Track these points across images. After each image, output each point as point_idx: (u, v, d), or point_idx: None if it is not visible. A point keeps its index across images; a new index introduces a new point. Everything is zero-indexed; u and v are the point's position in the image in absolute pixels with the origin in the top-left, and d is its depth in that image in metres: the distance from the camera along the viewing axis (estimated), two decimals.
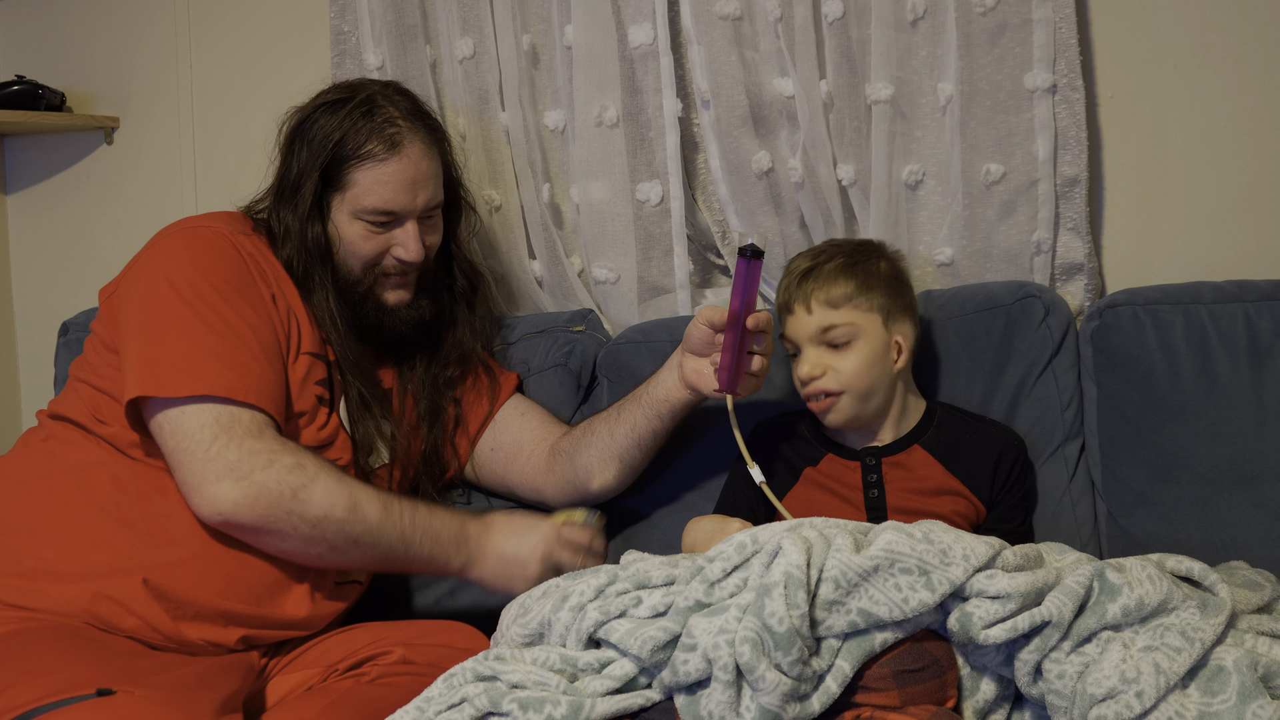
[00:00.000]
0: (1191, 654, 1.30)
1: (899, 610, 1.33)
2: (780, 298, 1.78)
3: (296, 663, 1.72)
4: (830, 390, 1.73)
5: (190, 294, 1.71)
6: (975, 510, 1.76)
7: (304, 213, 1.83)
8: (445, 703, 1.40)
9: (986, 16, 1.96)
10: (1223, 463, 1.79)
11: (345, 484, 1.70)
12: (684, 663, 1.33)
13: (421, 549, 1.73)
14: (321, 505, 1.66)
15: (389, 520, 1.71)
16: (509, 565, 1.76)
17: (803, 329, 1.74)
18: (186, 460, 1.64)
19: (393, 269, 1.88)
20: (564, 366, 2.13)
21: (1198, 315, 1.83)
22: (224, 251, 1.77)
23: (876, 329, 1.73)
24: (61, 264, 2.68)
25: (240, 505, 1.63)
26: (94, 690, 1.37)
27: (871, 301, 1.73)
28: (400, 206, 1.84)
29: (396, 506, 1.73)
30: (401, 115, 1.86)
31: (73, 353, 2.31)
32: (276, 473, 1.64)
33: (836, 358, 1.73)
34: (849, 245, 1.81)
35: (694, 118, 2.19)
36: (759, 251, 1.71)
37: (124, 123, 2.62)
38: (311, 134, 1.84)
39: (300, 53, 2.44)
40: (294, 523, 1.65)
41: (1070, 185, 1.98)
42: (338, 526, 1.67)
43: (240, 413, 1.66)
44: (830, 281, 1.73)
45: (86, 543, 1.64)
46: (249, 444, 1.64)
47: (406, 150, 1.84)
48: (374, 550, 1.71)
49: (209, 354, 1.67)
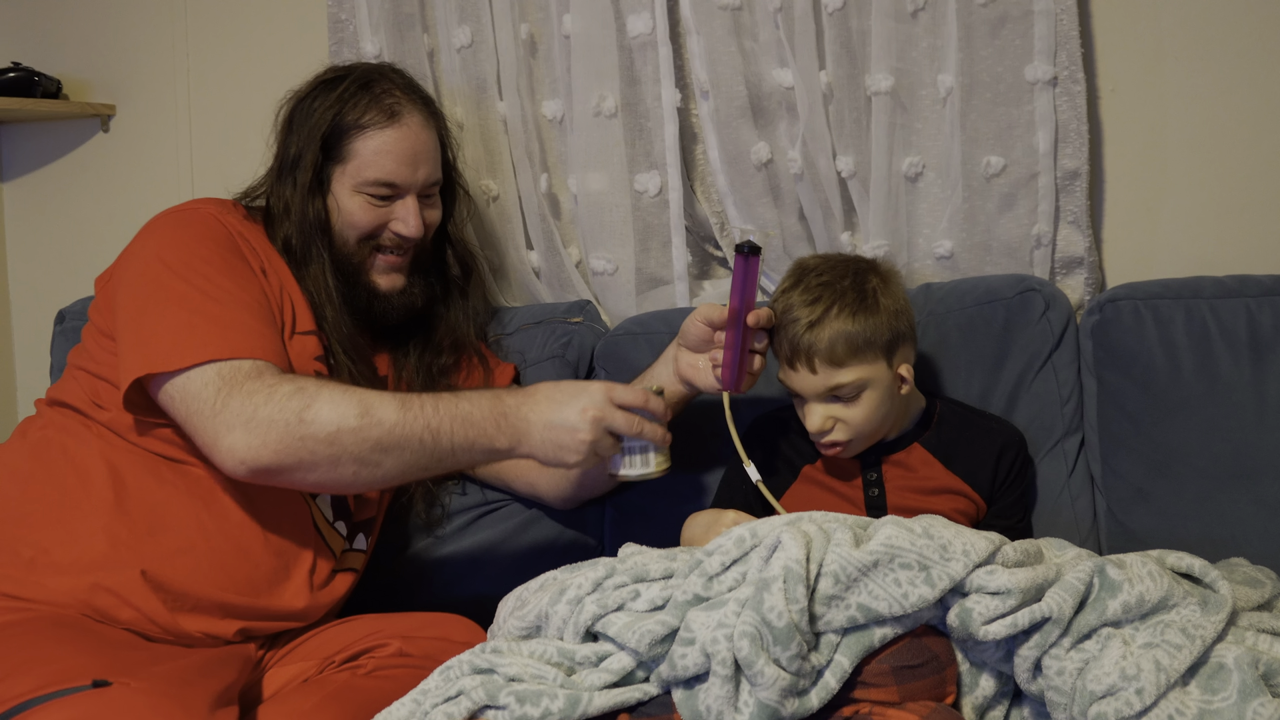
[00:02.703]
0: (1192, 651, 1.29)
1: (898, 605, 1.32)
2: (779, 349, 1.71)
3: (293, 654, 1.72)
4: (840, 441, 1.70)
5: (182, 267, 1.69)
6: (975, 507, 1.75)
7: (304, 184, 1.83)
8: (442, 695, 1.39)
9: (987, 8, 1.95)
10: (1223, 458, 1.78)
11: (351, 393, 1.62)
12: (682, 657, 1.33)
13: (455, 436, 1.62)
14: (331, 420, 1.58)
15: (409, 415, 1.61)
16: (558, 433, 1.61)
17: (808, 387, 1.68)
18: (198, 422, 1.61)
19: (390, 243, 1.87)
20: (561, 358, 2.12)
21: (1198, 310, 1.83)
22: (212, 228, 1.76)
23: (882, 373, 1.68)
24: (58, 252, 2.67)
25: (254, 448, 1.57)
26: (90, 681, 1.36)
27: (876, 350, 1.66)
28: (401, 179, 1.84)
29: (416, 401, 1.63)
30: (399, 89, 1.88)
31: (69, 341, 2.30)
32: (278, 403, 1.58)
33: (844, 410, 1.68)
34: (843, 286, 1.68)
35: (693, 108, 2.19)
36: (756, 248, 1.69)
37: (120, 111, 2.60)
38: (310, 110, 1.86)
39: (297, 41, 2.43)
40: (310, 447, 1.58)
41: (1071, 178, 1.98)
42: (354, 436, 1.58)
43: (240, 364, 1.62)
44: (833, 342, 1.64)
45: (84, 532, 1.63)
46: (249, 386, 1.60)
47: (406, 120, 1.85)
48: (404, 452, 1.60)
49: (207, 319, 1.65)
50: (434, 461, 1.63)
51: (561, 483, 1.97)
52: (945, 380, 1.90)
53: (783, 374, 1.71)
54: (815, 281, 1.69)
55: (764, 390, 1.91)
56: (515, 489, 2.06)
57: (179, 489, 1.68)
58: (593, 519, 2.09)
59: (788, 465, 1.81)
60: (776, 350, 1.72)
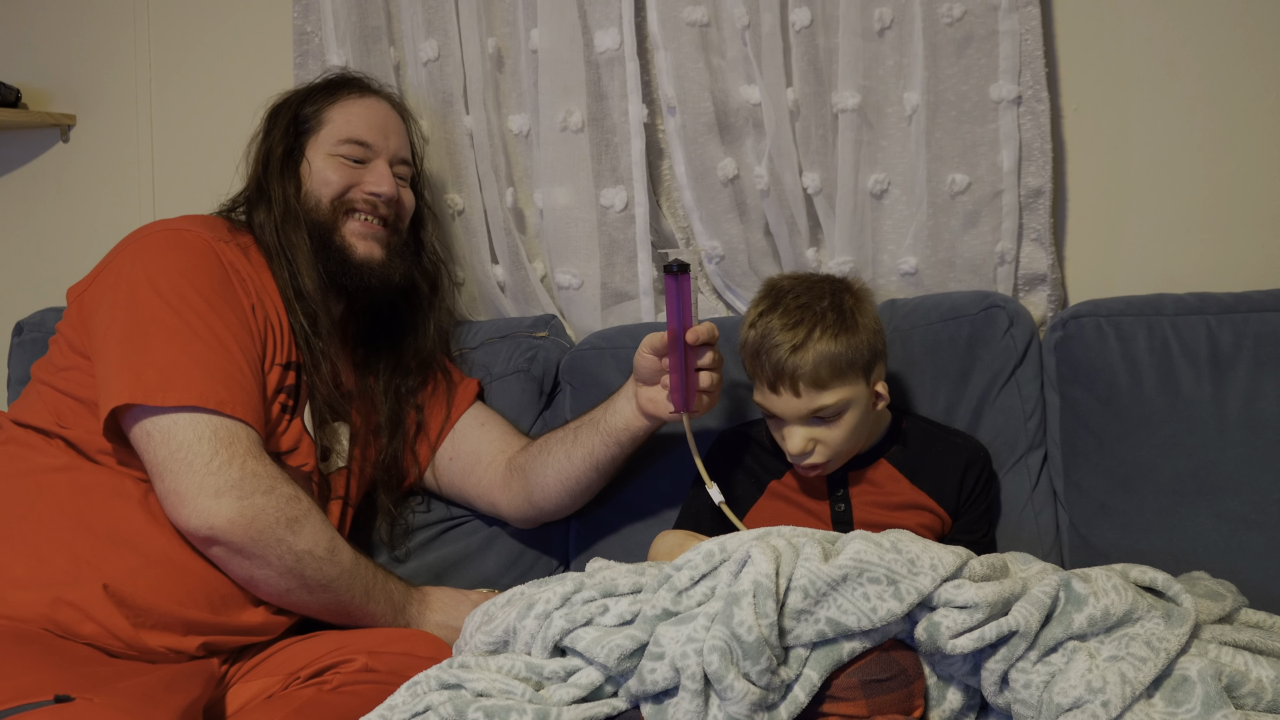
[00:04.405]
0: (1157, 664, 1.30)
1: (867, 620, 1.33)
2: (762, 373, 1.67)
3: (257, 670, 1.70)
4: (820, 462, 1.70)
5: (175, 299, 1.69)
6: (941, 523, 1.76)
7: (279, 156, 1.90)
8: (409, 711, 1.38)
9: (953, 27, 1.96)
10: (1184, 473, 1.79)
11: (329, 527, 1.74)
12: (651, 671, 1.32)
13: (377, 604, 1.78)
14: (309, 540, 1.69)
15: (358, 570, 1.76)
16: (446, 632, 1.83)
17: (791, 410, 1.66)
18: (183, 471, 1.62)
19: (362, 204, 1.90)
20: (526, 372, 2.12)
21: (1160, 327, 1.84)
22: (207, 258, 1.75)
23: (861, 392, 1.68)
24: (16, 264, 2.64)
25: (235, 523, 1.63)
26: (52, 696, 1.34)
27: (858, 370, 1.66)
28: (373, 139, 1.93)
29: (364, 561, 1.78)
30: (367, 85, 2.02)
31: (27, 353, 2.27)
32: (276, 500, 1.66)
33: (825, 430, 1.67)
34: (822, 307, 1.67)
35: (659, 124, 2.19)
36: (685, 266, 1.69)
37: (81, 121, 2.58)
38: (287, 104, 1.96)
39: (262, 53, 2.42)
40: (281, 551, 1.66)
41: (1034, 196, 1.99)
42: (317, 565, 1.70)
43: (237, 428, 1.66)
44: (817, 364, 1.63)
45: (46, 547, 1.61)
46: (251, 465, 1.65)
47: (375, 98, 1.99)
48: (339, 596, 1.74)
49: (197, 363, 1.66)
50: (348, 613, 1.77)
51: (523, 506, 1.97)
52: (910, 396, 1.91)
53: (761, 397, 1.70)
54: (794, 304, 1.68)
55: (729, 405, 1.92)
56: (477, 507, 2.06)
57: (142, 506, 1.67)
58: (557, 536, 2.08)
59: (754, 481, 1.81)
60: (755, 374, 1.70)
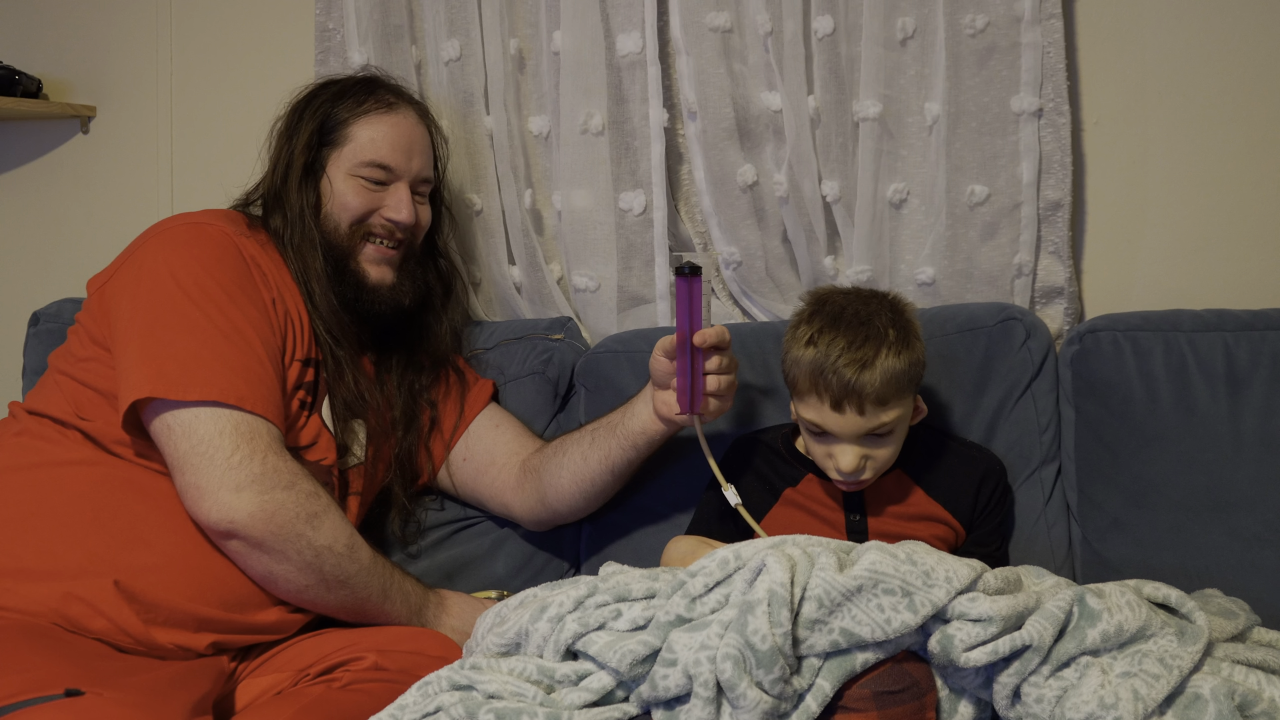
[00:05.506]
0: (1169, 681, 1.30)
1: (881, 631, 1.32)
2: (825, 391, 1.63)
3: (266, 666, 1.70)
4: (868, 479, 1.70)
5: (197, 293, 1.69)
6: (955, 534, 1.76)
7: (299, 167, 1.87)
8: (420, 711, 1.38)
9: (976, 38, 1.96)
10: (1198, 490, 1.79)
11: (347, 524, 1.74)
12: (664, 678, 1.32)
13: (394, 603, 1.79)
14: (329, 536, 1.69)
15: (376, 568, 1.76)
16: (460, 638, 1.82)
17: (851, 429, 1.64)
18: (204, 465, 1.63)
19: (381, 231, 1.90)
20: (541, 374, 2.12)
21: (1177, 343, 1.84)
22: (229, 252, 1.76)
23: (909, 406, 1.68)
24: (34, 254, 2.64)
25: (256, 517, 1.63)
26: (62, 690, 1.34)
27: (913, 386, 1.67)
28: (396, 163, 1.90)
29: (381, 559, 1.79)
30: (394, 92, 1.97)
31: (43, 343, 2.27)
32: (296, 495, 1.66)
33: (876, 447, 1.67)
34: (882, 324, 1.65)
35: (679, 128, 2.19)
36: (697, 268, 1.69)
37: (101, 112, 2.59)
38: (313, 105, 1.92)
39: (283, 49, 2.42)
40: (300, 546, 1.67)
41: (1053, 209, 1.99)
42: (336, 561, 1.70)
43: (258, 424, 1.67)
44: (884, 383, 1.61)
45: (59, 541, 1.62)
46: (272, 460, 1.66)
47: (402, 111, 1.95)
48: (357, 593, 1.74)
49: (218, 358, 1.66)
50: (365, 611, 1.77)
51: (536, 507, 1.97)
52: (926, 406, 1.91)
53: (815, 414, 1.65)
54: (855, 321, 1.66)
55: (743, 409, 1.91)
56: (490, 508, 2.06)
57: (159, 502, 1.67)
58: (569, 539, 2.08)
59: (768, 488, 1.81)
60: (812, 391, 1.65)
